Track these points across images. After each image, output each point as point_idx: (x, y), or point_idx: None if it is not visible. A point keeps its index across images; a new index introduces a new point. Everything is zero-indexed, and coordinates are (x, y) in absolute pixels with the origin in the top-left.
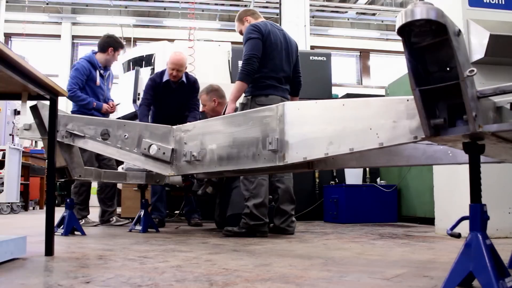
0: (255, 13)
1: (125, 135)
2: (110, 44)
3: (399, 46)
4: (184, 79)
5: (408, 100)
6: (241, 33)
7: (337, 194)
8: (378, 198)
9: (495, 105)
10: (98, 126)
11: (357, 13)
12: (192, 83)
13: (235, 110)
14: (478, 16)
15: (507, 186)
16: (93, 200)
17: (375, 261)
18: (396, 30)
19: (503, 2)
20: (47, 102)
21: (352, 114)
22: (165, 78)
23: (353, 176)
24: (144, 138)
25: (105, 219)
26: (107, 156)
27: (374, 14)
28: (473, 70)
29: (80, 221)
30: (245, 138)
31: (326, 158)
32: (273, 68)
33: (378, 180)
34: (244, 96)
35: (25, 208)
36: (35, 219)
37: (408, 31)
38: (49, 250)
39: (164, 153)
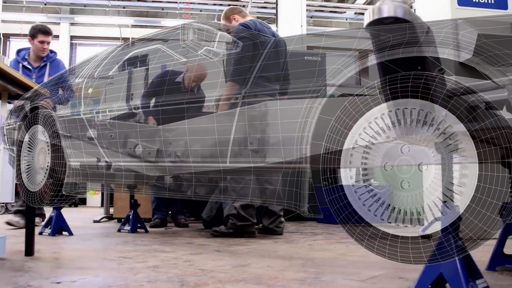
0: (242, 11)
1: (111, 135)
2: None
3: None
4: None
5: (381, 100)
6: (228, 32)
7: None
8: (371, 198)
9: (469, 104)
10: (83, 127)
11: (355, 13)
12: (201, 92)
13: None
14: (467, 15)
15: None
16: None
17: (356, 262)
18: (363, 28)
19: (492, 2)
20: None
21: (330, 115)
22: (179, 79)
23: (346, 176)
24: (130, 138)
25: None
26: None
27: None
28: (442, 69)
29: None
30: (228, 138)
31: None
32: (262, 67)
33: (372, 180)
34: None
35: None
36: None
37: (376, 30)
38: (29, 250)
39: (149, 153)
